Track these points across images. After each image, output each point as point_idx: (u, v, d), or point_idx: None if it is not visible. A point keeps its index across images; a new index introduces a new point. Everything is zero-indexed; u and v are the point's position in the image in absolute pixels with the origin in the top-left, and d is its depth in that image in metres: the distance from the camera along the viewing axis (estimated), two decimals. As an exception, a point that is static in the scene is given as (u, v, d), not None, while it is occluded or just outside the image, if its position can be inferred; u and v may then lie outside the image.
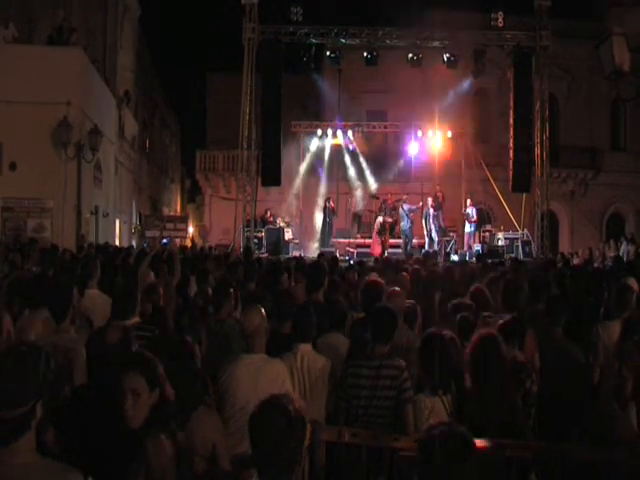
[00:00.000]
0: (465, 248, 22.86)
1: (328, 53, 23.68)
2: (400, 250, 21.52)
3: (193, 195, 46.80)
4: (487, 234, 23.72)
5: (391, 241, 22.24)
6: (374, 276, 7.56)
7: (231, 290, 6.16)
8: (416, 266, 9.99)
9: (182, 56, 64.18)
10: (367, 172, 27.19)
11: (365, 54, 23.45)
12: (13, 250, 12.41)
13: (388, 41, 23.47)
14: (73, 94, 17.48)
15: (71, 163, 17.45)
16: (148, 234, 26.92)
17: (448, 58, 23.24)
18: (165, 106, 40.25)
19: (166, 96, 40.17)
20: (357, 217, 24.79)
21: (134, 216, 29.29)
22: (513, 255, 20.58)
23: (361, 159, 27.14)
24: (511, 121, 23.98)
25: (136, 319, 5.37)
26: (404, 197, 23.26)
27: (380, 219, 21.83)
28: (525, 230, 24.13)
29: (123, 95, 25.03)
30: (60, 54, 17.76)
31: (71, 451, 2.91)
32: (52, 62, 17.37)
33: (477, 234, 23.75)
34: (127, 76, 26.32)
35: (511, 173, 23.95)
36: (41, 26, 19.40)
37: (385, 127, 27.99)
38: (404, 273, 8.72)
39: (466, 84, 26.47)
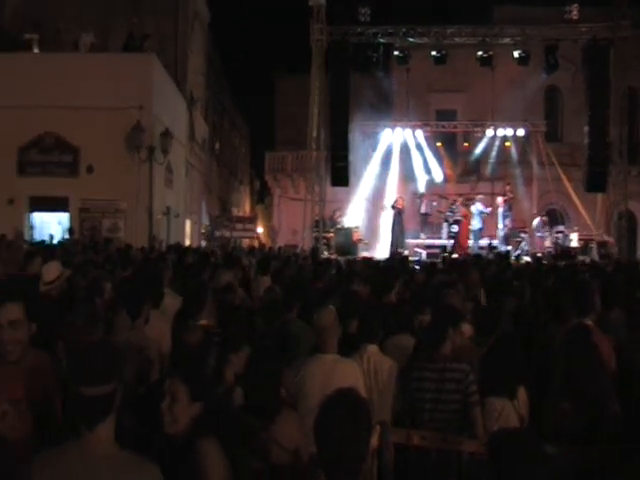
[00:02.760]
0: (537, 249, 22.30)
1: (396, 53, 23.54)
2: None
3: (262, 196, 47.25)
4: (560, 235, 23.05)
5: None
6: (443, 277, 7.46)
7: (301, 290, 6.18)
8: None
9: (251, 59, 65.04)
10: (436, 172, 26.85)
11: (433, 53, 23.20)
12: (90, 249, 12.83)
13: (457, 39, 23.16)
14: (146, 99, 17.96)
15: (144, 165, 17.90)
16: (217, 234, 27.41)
17: (519, 55, 22.75)
18: (234, 108, 40.79)
19: (235, 98, 40.72)
20: (425, 217, 24.51)
21: (204, 217, 29.77)
22: (587, 257, 19.95)
23: (429, 159, 26.81)
24: (586, 118, 23.27)
25: (204, 320, 5.37)
26: (477, 197, 22.89)
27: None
28: (601, 231, 23.37)
29: (194, 98, 25.49)
30: (134, 60, 18.30)
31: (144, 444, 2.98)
32: (126, 68, 17.90)
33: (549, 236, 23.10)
34: (197, 80, 26.78)
35: (586, 172, 23.25)
36: (117, 34, 19.98)
37: (454, 126, 27.63)
38: (474, 273, 8.56)
39: (537, 81, 25.86)
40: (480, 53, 22.96)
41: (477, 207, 22.11)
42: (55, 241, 15.72)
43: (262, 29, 66.92)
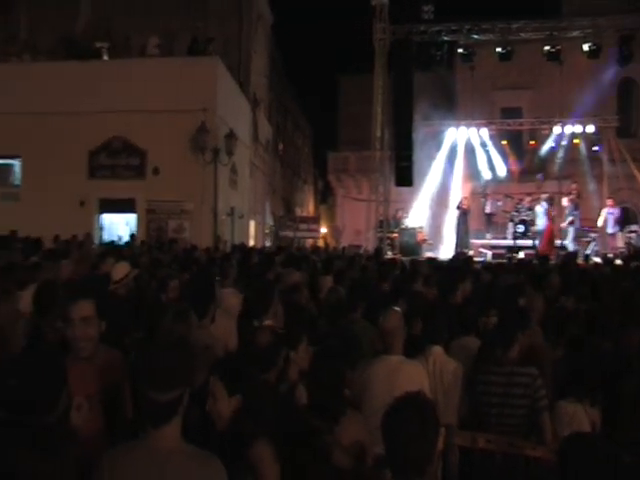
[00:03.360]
0: (608, 249, 21.56)
1: (460, 50, 23.18)
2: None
3: (325, 196, 47.32)
4: (632, 235, 22.22)
5: (525, 242, 21.39)
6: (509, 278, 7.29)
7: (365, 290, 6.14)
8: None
9: (313, 59, 65.21)
10: (500, 171, 26.36)
11: (498, 49, 22.75)
12: (156, 249, 13.10)
13: (523, 34, 22.63)
14: (210, 101, 18.23)
15: (208, 167, 18.17)
16: (282, 234, 27.59)
17: (589, 48, 22.04)
18: (297, 109, 41.01)
19: (298, 99, 40.93)
20: (489, 217, 24.08)
21: (268, 217, 30.01)
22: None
23: (495, 158, 26.34)
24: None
25: (269, 321, 5.35)
26: (542, 196, 22.34)
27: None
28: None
29: (257, 99, 25.75)
30: (198, 63, 18.60)
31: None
32: (191, 71, 18.20)
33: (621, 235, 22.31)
34: (261, 81, 27.04)
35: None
36: (182, 38, 20.36)
37: (520, 124, 27.05)
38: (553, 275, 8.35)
39: (609, 74, 25.10)
40: (547, 48, 22.35)
41: (543, 206, 21.57)
42: (122, 242, 16.12)
43: (325, 29, 67.00)
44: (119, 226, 19.63)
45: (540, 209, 21.45)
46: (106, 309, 3.65)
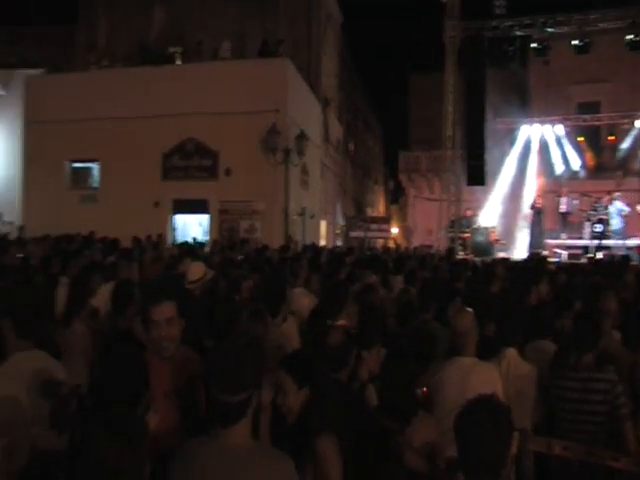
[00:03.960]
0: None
1: (534, 45, 22.62)
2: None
3: (396, 196, 47.07)
4: None
5: (603, 242, 20.66)
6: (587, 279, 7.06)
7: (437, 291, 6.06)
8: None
9: (383, 58, 65.00)
10: (577, 168, 25.57)
11: (575, 42, 22.06)
12: (229, 249, 13.28)
13: (601, 25, 21.85)
14: (281, 102, 18.37)
15: (280, 167, 18.31)
16: (352, 235, 27.55)
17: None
18: (368, 108, 40.91)
19: (369, 98, 40.83)
20: (565, 216, 23.39)
21: (339, 217, 30.04)
22: None
23: (570, 155, 25.56)
24: None
25: (343, 321, 5.34)
26: (615, 194, 21.54)
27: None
28: None
29: (327, 100, 25.80)
30: (269, 65, 18.78)
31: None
32: (262, 73, 18.39)
33: None
34: (331, 81, 27.08)
35: None
36: (252, 40, 20.62)
37: (598, 119, 26.15)
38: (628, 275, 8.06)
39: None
40: (630, 37, 21.46)
41: (616, 205, 20.80)
42: (196, 242, 16.39)
43: (395, 27, 66.72)
44: (192, 227, 20.02)
45: (613, 209, 20.73)
46: (185, 309, 3.71)
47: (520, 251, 22.41)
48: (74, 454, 2.45)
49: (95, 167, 20.37)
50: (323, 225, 25.88)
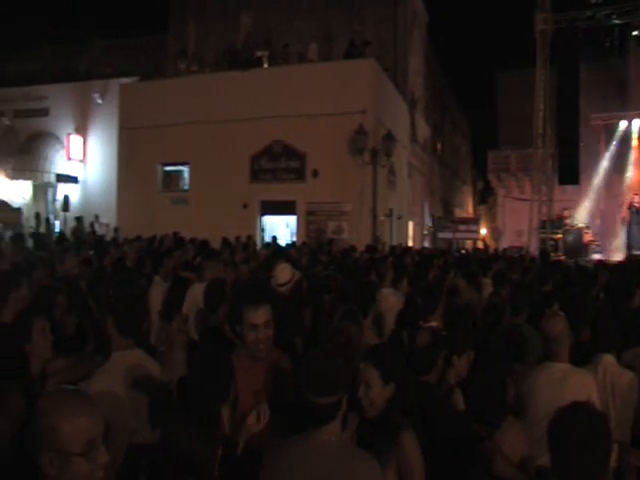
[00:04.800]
0: None
1: (635, 33, 21.50)
2: None
3: (485, 196, 46.24)
4: None
5: None
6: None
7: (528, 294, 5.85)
8: None
9: (470, 56, 63.98)
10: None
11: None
12: (317, 251, 13.31)
13: None
14: (368, 103, 18.29)
15: (367, 168, 18.24)
16: (440, 236, 27.18)
17: None
18: (455, 108, 40.32)
19: (456, 98, 40.23)
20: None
21: (426, 218, 29.70)
22: None
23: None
24: None
25: (434, 322, 5.24)
26: None
27: None
28: None
29: (414, 100, 25.57)
30: (355, 66, 18.73)
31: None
32: (348, 75, 18.38)
33: None
34: (417, 81, 26.81)
35: None
36: (339, 42, 20.66)
37: None
38: None
39: None
40: None
41: None
42: (282, 244, 16.53)
43: (482, 24, 65.46)
44: (279, 228, 20.23)
45: None
46: (278, 311, 3.73)
47: (616, 252, 21.48)
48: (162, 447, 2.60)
49: (186, 170, 20.92)
50: (410, 226, 25.65)
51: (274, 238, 16.77)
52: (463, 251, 21.26)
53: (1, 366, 2.96)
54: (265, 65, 20.74)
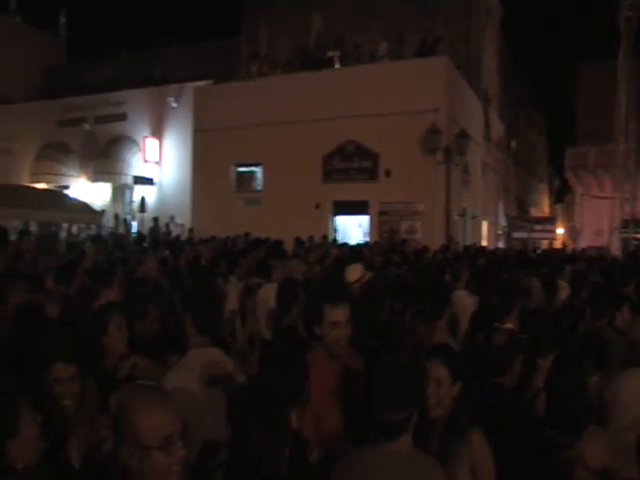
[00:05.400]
0: None
1: None
2: None
3: (561, 195, 45.05)
4: None
5: None
6: None
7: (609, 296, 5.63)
8: None
9: (548, 49, 62.31)
10: None
11: None
12: (390, 251, 13.22)
13: None
14: (440, 101, 18.05)
15: (440, 167, 18.01)
16: (515, 236, 26.62)
17: None
18: (530, 104, 39.34)
19: (531, 94, 39.25)
20: None
21: (500, 218, 29.13)
22: None
23: None
24: None
25: (510, 324, 5.14)
26: None
27: None
28: None
29: (488, 97, 25.10)
30: (427, 64, 18.50)
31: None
32: (420, 73, 18.17)
33: None
34: (491, 78, 26.31)
35: None
36: (410, 40, 20.47)
37: None
38: None
39: None
40: None
41: None
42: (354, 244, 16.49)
43: (560, 13, 63.58)
44: (352, 228, 20.21)
45: None
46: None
47: None
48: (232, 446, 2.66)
49: (259, 171, 21.15)
50: (484, 226, 25.22)
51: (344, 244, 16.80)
52: (539, 251, 20.74)
53: (79, 355, 3.08)
54: (337, 65, 20.77)
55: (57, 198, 20.48)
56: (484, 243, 23.17)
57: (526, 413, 3.49)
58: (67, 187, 25.71)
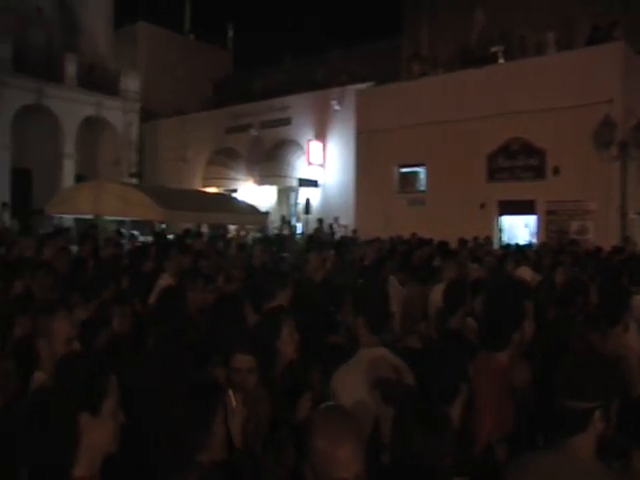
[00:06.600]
0: None
1: None
2: None
3: None
4: None
5: None
6: None
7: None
8: None
9: None
10: None
11: None
12: (558, 252, 12.62)
13: None
14: (615, 91, 16.95)
15: (614, 163, 16.94)
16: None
17: None
18: None
19: None
20: None
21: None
22: None
23: None
24: None
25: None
26: None
27: None
28: None
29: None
30: (599, 52, 17.43)
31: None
32: (592, 62, 17.21)
33: None
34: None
35: None
36: (581, 28, 19.40)
37: None
38: None
39: None
40: None
41: None
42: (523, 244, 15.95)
43: None
44: (518, 228, 19.56)
45: None
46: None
47: None
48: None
49: (422, 171, 21.06)
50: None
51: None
52: None
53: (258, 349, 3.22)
54: (500, 60, 20.19)
55: (226, 201, 21.53)
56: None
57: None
58: (235, 190, 27.06)
